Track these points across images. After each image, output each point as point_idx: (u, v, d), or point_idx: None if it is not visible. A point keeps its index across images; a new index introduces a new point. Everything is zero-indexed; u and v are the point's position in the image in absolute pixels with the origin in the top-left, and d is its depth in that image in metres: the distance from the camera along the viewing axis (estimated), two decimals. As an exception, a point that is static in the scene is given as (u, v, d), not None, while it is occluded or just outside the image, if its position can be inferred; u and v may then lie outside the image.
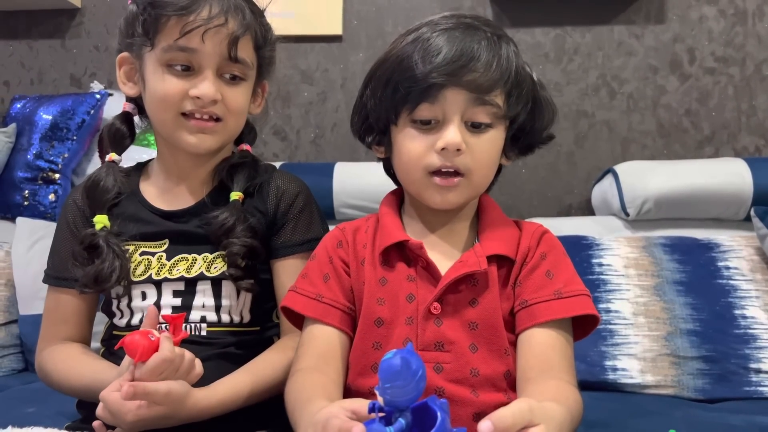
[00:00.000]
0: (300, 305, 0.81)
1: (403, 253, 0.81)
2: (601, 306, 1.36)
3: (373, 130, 0.86)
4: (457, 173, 0.77)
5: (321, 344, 0.79)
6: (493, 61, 0.76)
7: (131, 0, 0.92)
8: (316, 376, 0.76)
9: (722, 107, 1.80)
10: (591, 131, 1.84)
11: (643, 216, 1.57)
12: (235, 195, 0.92)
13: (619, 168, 1.63)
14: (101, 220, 0.92)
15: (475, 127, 0.77)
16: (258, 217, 0.94)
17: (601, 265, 1.43)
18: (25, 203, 1.75)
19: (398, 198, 0.89)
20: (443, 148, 0.76)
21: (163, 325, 0.87)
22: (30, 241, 1.60)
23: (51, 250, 0.99)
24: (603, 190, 1.68)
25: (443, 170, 0.77)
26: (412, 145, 0.78)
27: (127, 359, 0.77)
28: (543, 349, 0.75)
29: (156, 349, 0.73)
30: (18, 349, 1.53)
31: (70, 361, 0.91)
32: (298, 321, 0.84)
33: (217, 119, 0.89)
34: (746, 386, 1.27)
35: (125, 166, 1.00)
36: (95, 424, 0.77)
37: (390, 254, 0.81)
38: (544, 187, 1.85)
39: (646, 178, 1.56)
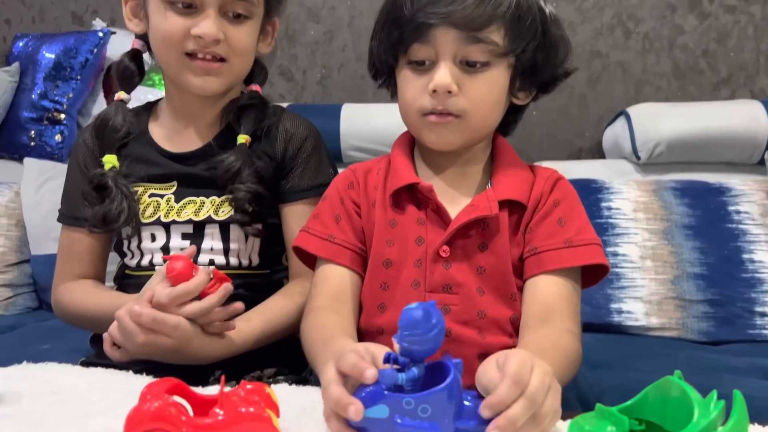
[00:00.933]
0: (312, 246, 0.82)
1: (413, 196, 0.80)
2: (609, 249, 1.37)
3: (382, 74, 0.85)
4: (450, 115, 0.75)
5: (334, 284, 0.80)
6: None
7: None
8: (333, 316, 0.76)
9: (741, 48, 1.75)
10: (604, 73, 1.80)
11: (654, 159, 1.55)
12: (242, 138, 0.91)
13: (632, 110, 1.60)
14: (110, 160, 0.91)
15: (470, 66, 0.75)
16: (265, 160, 0.93)
17: (609, 209, 1.42)
18: (32, 144, 1.75)
19: (411, 139, 0.87)
20: (434, 90, 0.74)
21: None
22: (39, 182, 1.60)
23: (63, 190, 0.99)
24: (615, 133, 1.65)
25: (436, 112, 0.76)
26: (408, 87, 0.77)
27: (151, 281, 0.78)
28: (547, 296, 0.75)
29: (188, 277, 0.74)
30: (31, 288, 1.55)
31: (86, 293, 0.92)
32: (310, 261, 0.84)
33: (222, 60, 0.87)
34: (750, 329, 1.28)
35: (131, 106, 0.99)
36: (106, 347, 0.78)
37: (400, 196, 0.80)
38: (555, 129, 1.82)
39: (659, 120, 1.53)
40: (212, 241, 0.91)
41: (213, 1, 0.84)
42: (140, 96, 1.09)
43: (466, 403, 0.50)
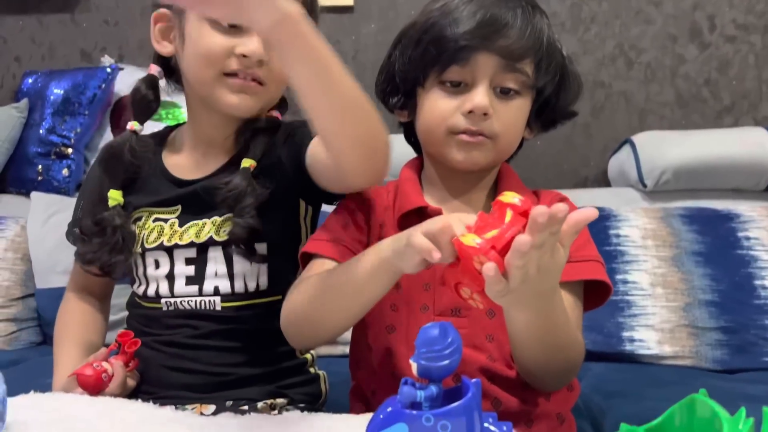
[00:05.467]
0: (315, 247, 0.80)
1: (422, 220, 0.80)
2: (619, 277, 1.35)
3: (398, 92, 0.85)
4: (482, 135, 0.77)
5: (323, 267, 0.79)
6: (526, 29, 0.76)
7: None
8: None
9: (743, 76, 1.76)
10: (608, 102, 1.81)
11: (661, 187, 1.55)
12: (247, 162, 0.87)
13: (637, 138, 1.60)
14: (115, 196, 0.89)
15: (504, 93, 0.78)
16: (283, 158, 0.88)
17: (618, 236, 1.42)
18: (39, 178, 1.75)
19: (419, 165, 0.88)
20: (470, 111, 0.75)
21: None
22: (45, 216, 1.61)
23: (75, 209, 0.98)
24: (620, 161, 1.66)
25: (468, 133, 0.77)
26: (438, 106, 0.78)
27: None
28: None
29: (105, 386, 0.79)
30: (36, 323, 1.54)
31: (66, 324, 0.97)
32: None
33: (260, 83, 0.85)
34: (765, 357, 1.26)
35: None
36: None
37: (409, 220, 0.80)
38: (560, 159, 1.82)
39: (665, 148, 1.54)
40: (216, 265, 0.87)
41: None
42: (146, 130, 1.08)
43: (487, 425, 0.49)
